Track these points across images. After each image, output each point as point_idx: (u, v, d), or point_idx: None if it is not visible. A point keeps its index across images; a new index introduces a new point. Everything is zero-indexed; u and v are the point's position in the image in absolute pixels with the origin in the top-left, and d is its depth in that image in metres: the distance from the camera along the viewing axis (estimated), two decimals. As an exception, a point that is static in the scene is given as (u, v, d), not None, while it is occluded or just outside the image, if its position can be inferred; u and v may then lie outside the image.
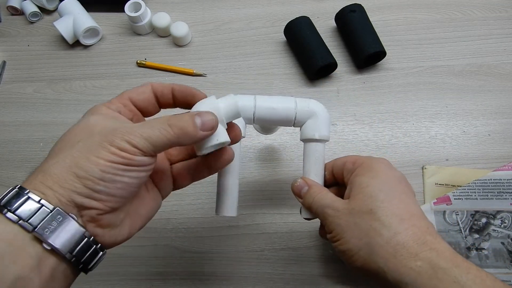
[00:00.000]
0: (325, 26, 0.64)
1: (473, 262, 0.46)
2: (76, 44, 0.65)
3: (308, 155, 0.37)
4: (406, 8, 0.65)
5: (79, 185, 0.23)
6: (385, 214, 0.29)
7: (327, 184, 0.38)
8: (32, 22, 0.68)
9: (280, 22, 0.64)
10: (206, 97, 0.30)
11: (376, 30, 0.58)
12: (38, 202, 0.23)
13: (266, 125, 0.45)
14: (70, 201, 0.23)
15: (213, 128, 0.27)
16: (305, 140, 0.38)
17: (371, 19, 0.59)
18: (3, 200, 0.23)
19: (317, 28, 0.59)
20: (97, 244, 0.25)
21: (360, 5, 0.59)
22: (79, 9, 0.64)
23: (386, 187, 0.31)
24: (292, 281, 0.48)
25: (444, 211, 0.49)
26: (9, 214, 0.22)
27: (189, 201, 0.52)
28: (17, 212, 0.22)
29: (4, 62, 0.65)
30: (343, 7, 0.59)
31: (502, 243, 0.47)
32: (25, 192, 0.23)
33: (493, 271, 0.46)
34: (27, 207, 0.22)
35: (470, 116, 0.56)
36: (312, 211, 0.35)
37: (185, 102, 0.30)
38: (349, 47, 0.61)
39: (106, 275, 0.49)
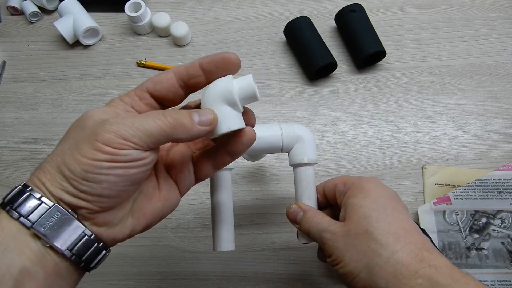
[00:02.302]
0: (325, 26, 0.64)
1: (473, 262, 0.46)
2: (76, 44, 0.65)
3: (299, 180, 0.38)
4: (406, 8, 0.65)
5: (67, 183, 0.23)
6: (381, 234, 0.29)
7: (321, 206, 0.38)
8: (32, 22, 0.68)
9: (280, 22, 0.64)
10: (237, 59, 0.27)
11: (376, 30, 0.58)
12: (39, 199, 0.23)
13: (254, 153, 0.45)
14: (60, 200, 0.23)
15: (211, 124, 0.25)
16: (295, 165, 0.38)
17: (371, 19, 0.59)
18: (7, 197, 0.23)
19: (317, 28, 0.59)
20: (99, 243, 0.24)
21: (360, 5, 0.59)
22: (79, 9, 0.64)
23: (379, 206, 0.31)
24: (292, 281, 0.48)
25: (444, 211, 0.49)
26: (11, 211, 0.22)
27: (189, 201, 0.52)
28: (18, 209, 0.22)
29: (4, 62, 0.65)
30: (343, 7, 0.59)
31: (502, 243, 0.47)
32: (27, 190, 0.23)
33: (493, 271, 0.46)
34: (28, 204, 0.22)
35: (470, 116, 0.56)
36: (310, 236, 0.34)
37: (217, 72, 0.27)
38: (349, 47, 0.61)
39: (106, 275, 0.49)
